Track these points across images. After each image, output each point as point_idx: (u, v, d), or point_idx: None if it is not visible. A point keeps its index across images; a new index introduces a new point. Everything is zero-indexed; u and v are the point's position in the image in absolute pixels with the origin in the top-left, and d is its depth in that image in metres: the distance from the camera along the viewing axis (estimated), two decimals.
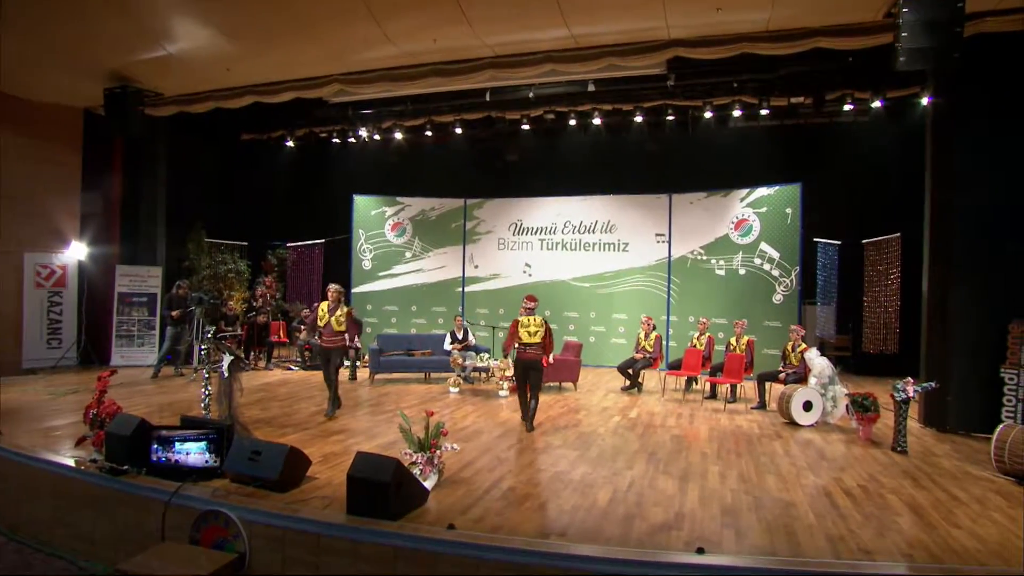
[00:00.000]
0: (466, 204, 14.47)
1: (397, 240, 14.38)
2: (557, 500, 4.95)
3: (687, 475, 5.73)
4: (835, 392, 8.20)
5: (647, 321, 10.73)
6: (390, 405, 8.64)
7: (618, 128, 13.06)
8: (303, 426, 7.18)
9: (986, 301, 7.75)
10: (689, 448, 6.73)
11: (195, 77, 9.45)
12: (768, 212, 11.97)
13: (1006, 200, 7.68)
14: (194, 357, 10.90)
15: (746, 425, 8.00)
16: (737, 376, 9.22)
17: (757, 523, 4.58)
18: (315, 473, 5.34)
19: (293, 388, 9.81)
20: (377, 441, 6.61)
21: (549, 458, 6.18)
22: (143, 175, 12.36)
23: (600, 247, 13.67)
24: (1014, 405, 7.47)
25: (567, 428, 7.55)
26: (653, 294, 13.20)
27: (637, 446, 6.75)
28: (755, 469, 6.01)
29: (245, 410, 7.25)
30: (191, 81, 9.66)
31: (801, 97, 11.45)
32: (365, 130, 13.82)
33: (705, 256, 12.72)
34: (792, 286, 11.58)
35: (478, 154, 14.51)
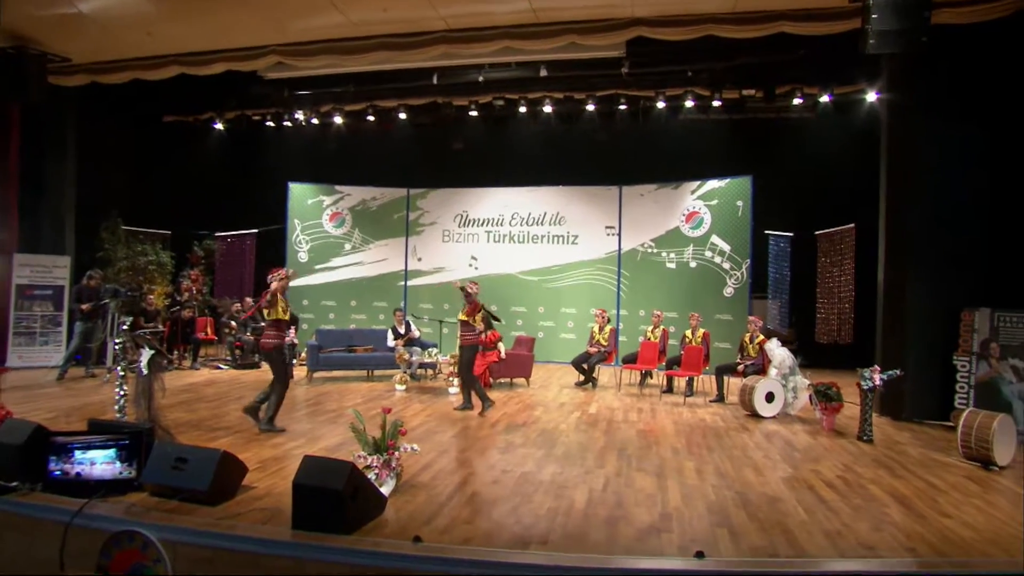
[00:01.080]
0: (409, 194, 13.80)
1: (336, 231, 13.55)
2: (530, 504, 4.47)
3: (663, 472, 5.37)
4: (796, 383, 8.09)
5: (601, 314, 10.41)
6: (332, 405, 7.94)
7: (569, 117, 12.73)
8: (235, 429, 6.41)
9: (939, 290, 7.80)
10: (658, 443, 6.39)
11: (110, 41, 8.41)
12: (719, 205, 11.89)
13: (959, 191, 7.75)
14: (107, 356, 9.81)
15: (709, 418, 7.76)
16: (696, 369, 9.00)
17: (749, 521, 4.24)
18: (252, 482, 4.65)
19: (223, 388, 8.93)
20: (321, 444, 5.94)
21: (513, 458, 5.69)
22: (48, 153, 11.10)
23: (549, 240, 13.30)
24: (966, 392, 7.52)
25: (527, 425, 7.08)
26: (603, 288, 12.93)
27: (604, 442, 6.35)
28: (731, 463, 5.72)
29: (168, 412, 6.41)
30: (105, 46, 8.60)
31: (752, 90, 11.43)
32: (302, 113, 12.95)
33: (656, 249, 12.54)
34: (743, 279, 11.52)
35: (422, 142, 13.86)
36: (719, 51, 10.40)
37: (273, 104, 12.90)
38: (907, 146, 8.08)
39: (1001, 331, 7.37)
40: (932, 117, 7.83)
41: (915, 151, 8.00)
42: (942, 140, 7.78)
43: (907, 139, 8.08)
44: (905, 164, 8.09)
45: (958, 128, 7.72)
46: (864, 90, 10.96)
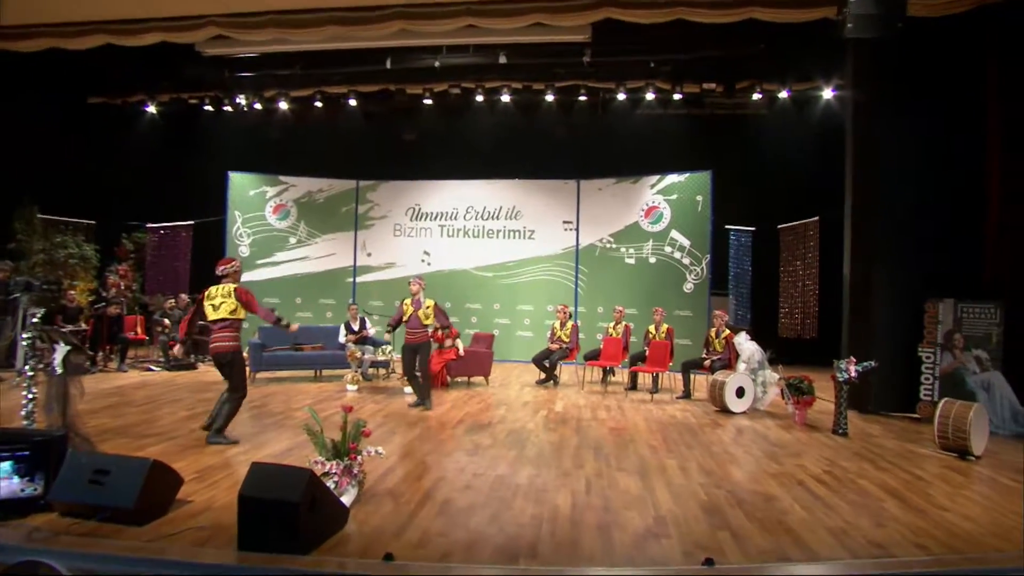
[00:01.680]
0: (358, 186, 13.13)
1: (280, 224, 12.74)
2: (510, 511, 4.01)
3: (645, 471, 5.01)
4: (765, 377, 7.92)
5: (563, 310, 10.06)
6: (278, 407, 7.27)
7: (527, 108, 12.36)
8: (169, 435, 5.71)
9: (905, 283, 7.79)
10: (633, 441, 6.04)
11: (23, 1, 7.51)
12: (679, 199, 11.74)
13: (923, 184, 7.76)
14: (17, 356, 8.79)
15: (680, 415, 7.49)
16: (662, 365, 8.75)
17: (748, 522, 3.91)
18: (189, 495, 4.02)
19: (155, 391, 8.10)
20: (267, 450, 5.32)
21: (484, 460, 5.22)
22: None
23: (505, 234, 12.88)
24: (931, 383, 7.51)
25: (493, 425, 6.62)
26: (560, 284, 12.60)
27: (577, 441, 5.96)
28: (713, 461, 5.42)
29: (89, 418, 5.66)
30: (18, 7, 7.68)
31: (713, 84, 11.35)
32: (244, 97, 12.13)
33: (614, 244, 12.30)
34: (703, 274, 11.40)
35: (373, 131, 13.20)
36: (682, 42, 10.26)
37: (212, 87, 12.03)
38: (871, 141, 8.04)
39: (964, 322, 7.38)
40: (896, 112, 7.83)
41: (879, 146, 7.99)
42: (905, 135, 7.79)
43: (871, 134, 8.04)
44: (870, 158, 8.06)
45: (921, 123, 7.73)
46: (820, 87, 11.05)
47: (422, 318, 7.66)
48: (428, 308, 7.72)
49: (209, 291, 5.67)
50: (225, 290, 5.61)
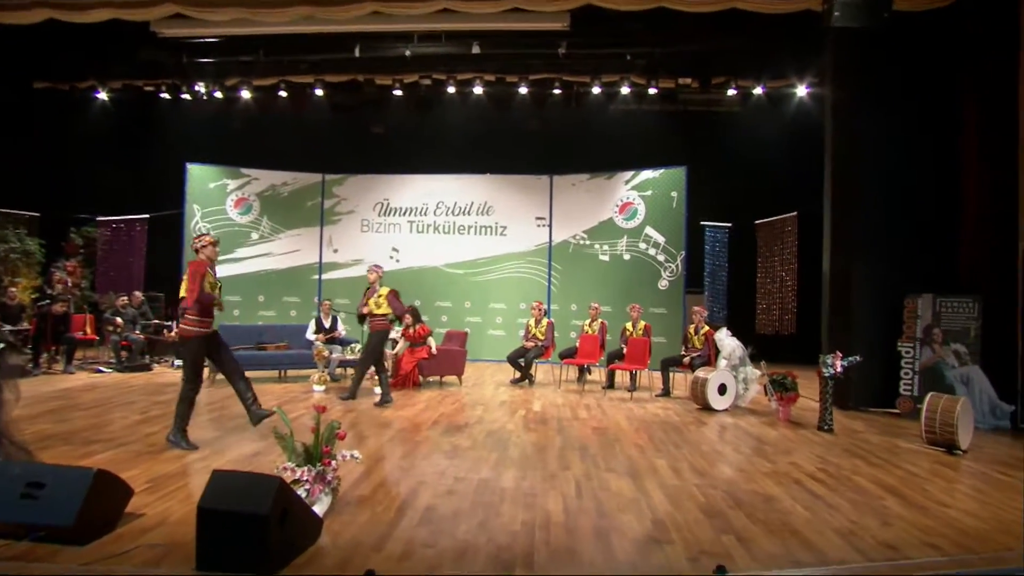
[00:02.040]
0: (324, 180, 12.65)
1: (241, 218, 12.18)
2: (499, 518, 3.71)
3: (636, 472, 4.76)
4: (747, 374, 7.78)
5: (538, 307, 9.78)
6: (240, 409, 6.79)
7: (500, 101, 12.08)
8: (120, 440, 5.23)
9: (884, 277, 7.74)
10: (619, 441, 5.80)
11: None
12: (653, 195, 11.60)
13: (902, 180, 7.74)
14: None
15: (662, 413, 7.29)
16: (641, 362, 8.55)
17: (752, 524, 3.69)
18: (139, 507, 3.60)
19: (104, 394, 7.54)
20: (230, 456, 4.90)
21: (465, 463, 4.90)
22: None
23: (476, 231, 12.57)
24: (911, 378, 7.47)
25: (470, 426, 6.30)
26: (533, 281, 12.35)
27: (560, 442, 5.69)
28: (704, 460, 5.20)
29: (26, 424, 5.16)
30: None
31: (689, 79, 11.25)
32: (203, 85, 11.53)
33: (588, 241, 12.10)
34: (678, 271, 11.28)
35: (340, 123, 12.77)
36: (658, 36, 10.13)
37: (169, 73, 11.41)
38: (850, 136, 8.00)
39: (943, 316, 7.36)
40: (874, 108, 7.80)
41: (858, 141, 7.94)
42: (884, 131, 7.76)
43: (850, 129, 8.00)
44: (849, 154, 8.01)
45: (899, 119, 7.71)
46: (795, 84, 11.05)
47: (373, 307, 7.39)
48: (380, 296, 7.42)
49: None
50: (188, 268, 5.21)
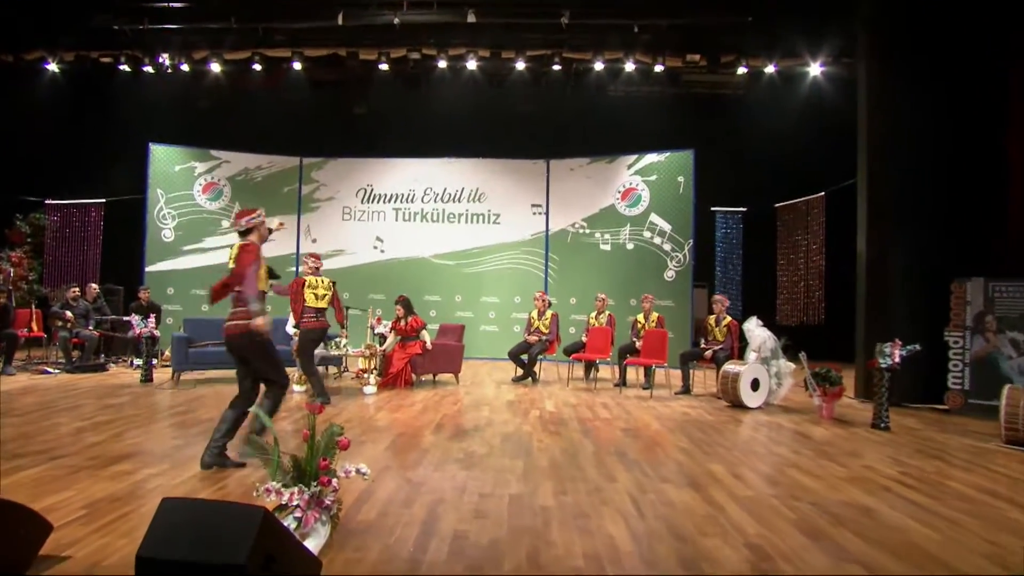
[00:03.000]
0: (302, 163, 11.67)
1: (211, 205, 11.14)
2: (551, 548, 2.84)
3: (695, 481, 3.93)
4: (779, 367, 7.02)
5: (541, 297, 8.93)
6: (206, 413, 5.83)
7: (494, 78, 11.21)
8: (55, 452, 4.23)
9: (926, 260, 7.07)
10: (659, 445, 4.97)
11: None
12: (658, 180, 10.85)
13: (946, 152, 7.07)
14: None
15: (692, 412, 6.49)
16: (659, 356, 7.73)
17: (870, 548, 2.88)
18: (65, 545, 2.65)
19: (46, 397, 6.47)
20: (192, 471, 3.94)
21: (486, 474, 4.02)
22: None
23: (467, 219, 11.69)
24: (960, 370, 6.79)
25: (480, 429, 5.42)
26: (529, 272, 11.51)
27: (591, 446, 4.84)
28: (765, 464, 4.40)
29: None
30: None
31: (697, 56, 10.53)
32: (167, 57, 10.45)
33: (588, 229, 11.30)
34: (685, 261, 10.54)
35: (320, 101, 11.81)
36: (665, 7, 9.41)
37: (128, 43, 10.31)
38: (886, 109, 7.36)
39: (997, 302, 6.69)
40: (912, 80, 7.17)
41: (895, 114, 7.32)
42: (922, 104, 7.12)
43: (886, 102, 7.35)
44: (885, 128, 7.35)
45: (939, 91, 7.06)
46: (808, 62, 10.39)
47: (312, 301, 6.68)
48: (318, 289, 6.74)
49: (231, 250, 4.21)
50: (234, 250, 4.15)
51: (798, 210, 9.69)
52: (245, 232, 4.16)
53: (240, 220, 4.20)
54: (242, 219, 4.20)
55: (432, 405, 6.57)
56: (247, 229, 4.17)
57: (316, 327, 6.64)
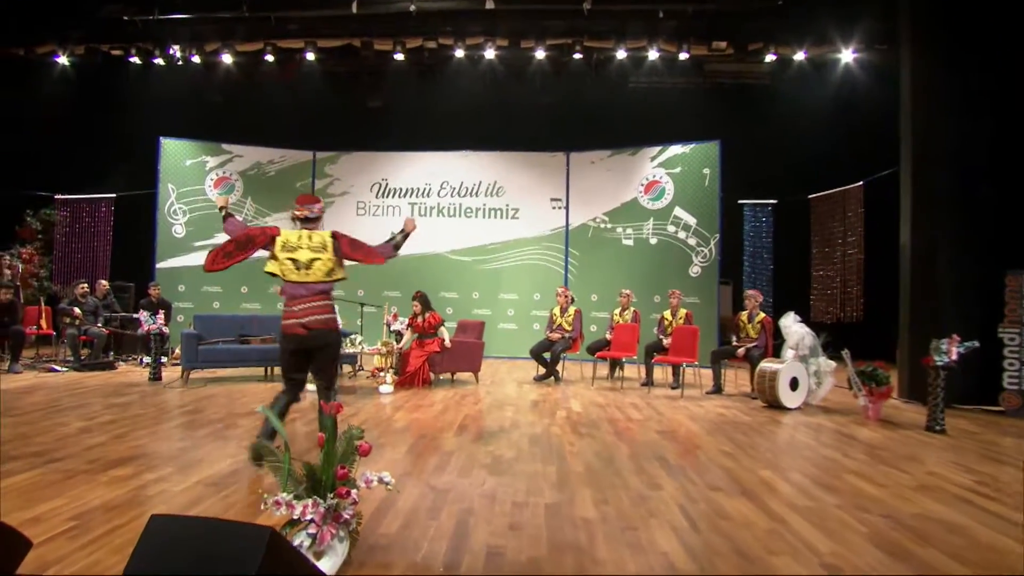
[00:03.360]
0: (316, 158, 11.40)
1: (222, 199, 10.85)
2: (599, 567, 2.48)
3: (747, 489, 3.56)
4: (819, 366, 6.61)
5: (564, 293, 8.56)
6: (216, 412, 5.54)
7: (513, 68, 10.85)
8: (52, 455, 3.94)
9: (977, 251, 6.62)
10: (700, 448, 4.60)
11: None
12: (683, 173, 10.46)
13: (994, 134, 6.63)
14: None
15: (728, 413, 6.10)
16: (690, 354, 7.34)
17: (967, 569, 2.49)
18: (47, 563, 2.34)
19: (50, 396, 6.21)
20: (198, 476, 3.63)
21: (517, 480, 3.68)
22: None
23: (485, 213, 11.35)
24: (1017, 369, 6.35)
25: (506, 431, 5.08)
26: (548, 269, 11.16)
27: (627, 449, 4.48)
28: (820, 470, 4.02)
29: None
30: None
31: (723, 43, 10.12)
32: (178, 49, 10.21)
33: (610, 224, 10.93)
34: (711, 256, 10.14)
35: (334, 94, 11.51)
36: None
37: (138, 35, 10.08)
38: (931, 91, 6.92)
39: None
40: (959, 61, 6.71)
41: (940, 95, 6.86)
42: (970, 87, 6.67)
43: (931, 87, 6.93)
44: (930, 114, 6.93)
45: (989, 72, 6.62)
46: (839, 49, 9.95)
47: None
48: None
49: (285, 238, 3.83)
50: (318, 240, 3.83)
51: (833, 201, 9.24)
52: (316, 219, 3.92)
53: (313, 207, 3.93)
54: (315, 205, 3.94)
55: (452, 405, 6.24)
56: (318, 216, 3.94)
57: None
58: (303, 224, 3.89)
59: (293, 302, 3.76)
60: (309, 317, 3.72)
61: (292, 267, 3.75)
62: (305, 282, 3.76)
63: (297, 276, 3.76)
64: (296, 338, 3.74)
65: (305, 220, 3.89)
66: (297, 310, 3.73)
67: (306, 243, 3.80)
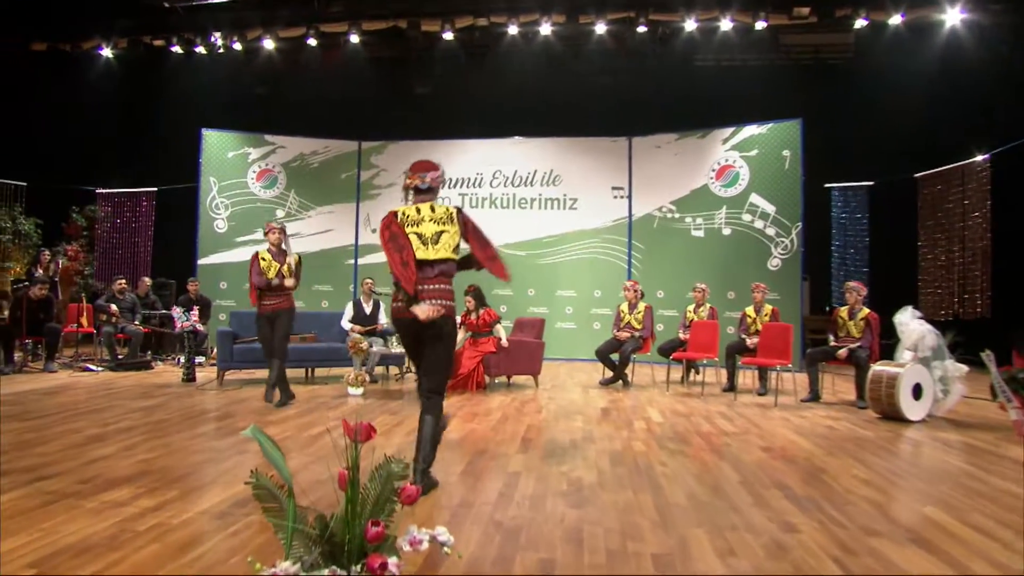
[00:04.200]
0: (361, 148, 10.83)
1: (265, 193, 10.42)
2: None
3: (919, 537, 2.64)
4: (945, 370, 5.55)
5: (632, 287, 7.67)
6: (244, 420, 4.90)
7: (571, 46, 10.04)
8: (46, 470, 3.33)
9: None
10: (828, 474, 3.67)
11: None
12: (759, 156, 9.45)
13: None
14: None
15: (838, 425, 5.13)
16: (782, 355, 6.36)
17: None
18: None
19: (72, 398, 5.70)
20: (207, 503, 2.94)
21: (606, 517, 2.85)
22: None
23: (540, 204, 10.57)
24: None
25: (582, 447, 4.25)
26: (609, 263, 10.30)
27: (735, 475, 3.59)
28: (1009, 512, 3.05)
29: None
30: None
31: (805, 9, 9.08)
32: (220, 36, 9.81)
33: (677, 213, 9.99)
34: (793, 247, 9.09)
35: (380, 80, 10.94)
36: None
37: (179, 25, 9.72)
38: None
39: None
40: None
41: None
42: None
43: None
44: None
45: None
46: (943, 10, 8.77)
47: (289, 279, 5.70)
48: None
49: (403, 213, 3.25)
50: (442, 212, 3.25)
51: (948, 179, 8.04)
52: (428, 191, 3.29)
53: (425, 175, 3.27)
54: (428, 174, 3.28)
55: (512, 413, 5.45)
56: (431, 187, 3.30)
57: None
58: (416, 196, 3.29)
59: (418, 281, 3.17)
60: (428, 301, 3.12)
61: (418, 242, 3.17)
62: (432, 259, 3.17)
63: (424, 252, 3.16)
64: (405, 324, 3.19)
65: (417, 191, 3.28)
66: (421, 290, 3.14)
67: (428, 215, 3.22)
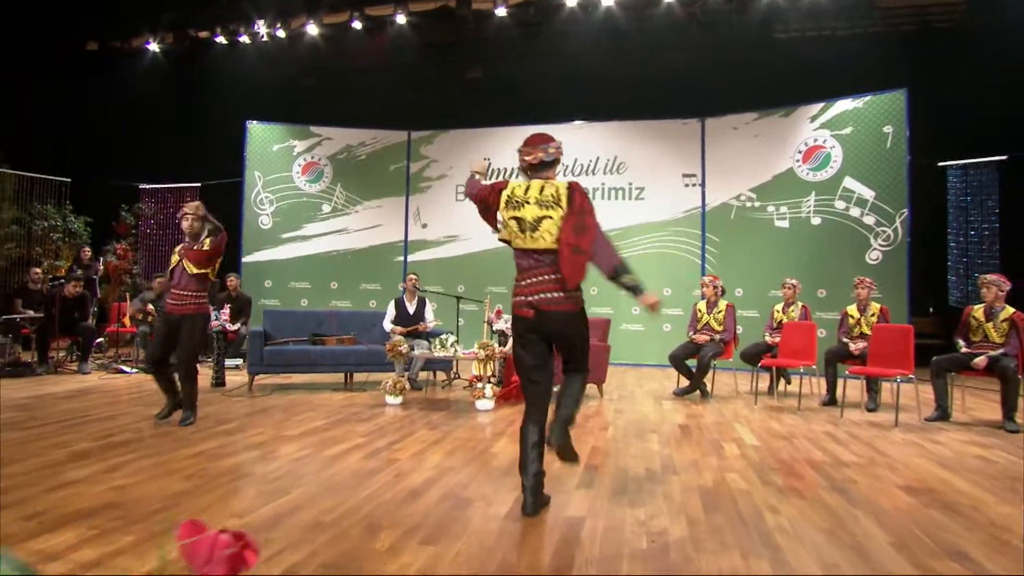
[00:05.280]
0: (410, 137, 10.19)
1: (310, 187, 9.93)
2: None
3: None
4: None
5: (711, 282, 6.64)
6: (258, 435, 4.24)
7: (635, 16, 9.11)
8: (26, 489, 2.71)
9: None
10: (1011, 532, 2.66)
11: None
12: (855, 134, 8.26)
13: None
14: None
15: (996, 457, 4.01)
16: (901, 364, 5.24)
17: None
18: None
19: (89, 403, 5.21)
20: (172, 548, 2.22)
21: None
22: None
23: (604, 194, 9.65)
24: None
25: (663, 480, 3.38)
26: (680, 258, 9.30)
27: (885, 534, 2.62)
28: None
29: None
30: None
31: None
32: (264, 25, 9.39)
33: (758, 202, 8.90)
34: (897, 237, 7.86)
35: (429, 67, 10.31)
36: None
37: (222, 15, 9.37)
38: None
39: None
40: None
41: None
42: None
43: None
44: None
45: None
46: None
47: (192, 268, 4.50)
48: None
49: (511, 191, 2.85)
50: (550, 192, 2.78)
51: None
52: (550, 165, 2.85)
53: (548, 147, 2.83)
54: (548, 145, 2.84)
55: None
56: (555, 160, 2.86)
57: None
58: (532, 173, 2.86)
59: (521, 275, 2.84)
60: (539, 295, 2.75)
61: (516, 229, 2.78)
62: (532, 249, 2.76)
63: (522, 241, 2.78)
64: (525, 322, 2.80)
65: (532, 167, 2.85)
66: (524, 285, 2.80)
67: (534, 196, 2.77)
